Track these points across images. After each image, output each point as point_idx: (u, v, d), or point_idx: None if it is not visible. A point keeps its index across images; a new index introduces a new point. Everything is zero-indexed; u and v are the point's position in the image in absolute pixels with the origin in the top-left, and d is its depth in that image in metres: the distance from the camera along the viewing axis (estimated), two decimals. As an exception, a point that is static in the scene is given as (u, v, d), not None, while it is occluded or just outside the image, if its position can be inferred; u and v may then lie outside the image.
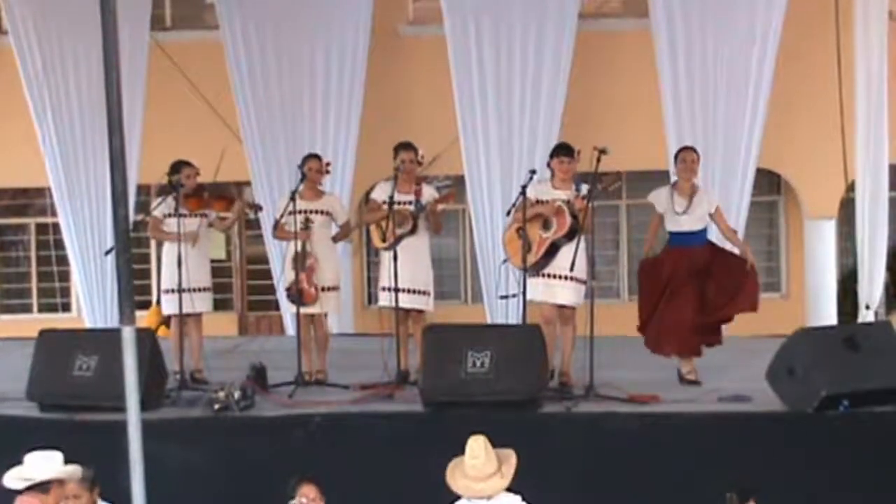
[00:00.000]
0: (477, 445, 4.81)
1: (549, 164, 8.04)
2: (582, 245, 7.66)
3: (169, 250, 8.32)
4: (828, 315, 12.90)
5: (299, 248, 8.24)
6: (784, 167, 13.51)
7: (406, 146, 8.32)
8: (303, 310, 8.28)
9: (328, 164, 8.72)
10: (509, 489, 4.87)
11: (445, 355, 7.30)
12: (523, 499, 4.87)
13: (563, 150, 8.04)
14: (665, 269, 8.08)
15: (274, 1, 11.65)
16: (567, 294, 7.85)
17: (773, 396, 7.18)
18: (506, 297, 8.38)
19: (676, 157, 8.35)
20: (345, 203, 10.74)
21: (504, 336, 7.61)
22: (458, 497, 4.84)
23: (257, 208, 9.26)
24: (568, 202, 7.79)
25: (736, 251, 8.26)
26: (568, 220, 7.76)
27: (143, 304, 12.72)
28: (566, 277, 7.76)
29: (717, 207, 8.24)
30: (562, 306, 7.90)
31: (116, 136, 4.51)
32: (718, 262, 8.09)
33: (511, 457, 4.86)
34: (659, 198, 8.19)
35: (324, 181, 8.67)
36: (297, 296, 8.25)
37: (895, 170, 11.96)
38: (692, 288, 7.97)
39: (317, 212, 8.37)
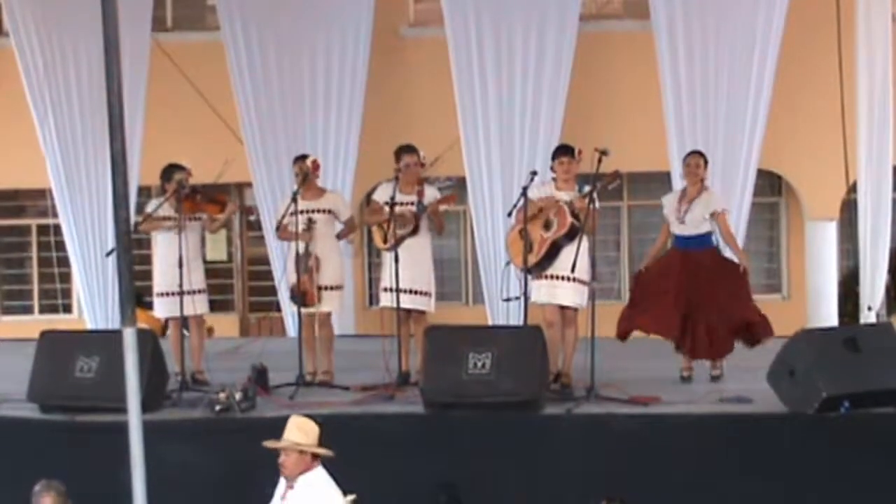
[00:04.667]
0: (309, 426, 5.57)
1: (551, 167, 8.06)
2: (585, 246, 7.65)
3: (164, 253, 8.32)
4: (829, 316, 12.89)
5: (301, 250, 8.25)
6: (785, 168, 13.50)
7: (409, 149, 8.30)
8: (305, 310, 8.29)
9: (315, 160, 8.64)
10: None
11: (446, 356, 7.30)
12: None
13: (562, 151, 8.08)
14: (663, 270, 8.14)
15: (275, 2, 11.66)
16: (569, 295, 7.82)
17: (774, 397, 7.18)
18: (509, 299, 8.36)
19: (684, 161, 8.39)
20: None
21: (505, 337, 7.59)
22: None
23: (250, 212, 9.23)
24: (569, 202, 7.79)
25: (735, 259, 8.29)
26: (569, 219, 7.75)
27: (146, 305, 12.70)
28: (569, 278, 7.75)
29: (723, 211, 8.22)
30: (564, 307, 7.88)
31: (117, 137, 4.52)
32: (718, 276, 8.08)
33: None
34: (666, 201, 8.31)
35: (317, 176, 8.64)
36: (300, 297, 8.26)
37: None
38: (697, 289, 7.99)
39: (319, 210, 8.37)
